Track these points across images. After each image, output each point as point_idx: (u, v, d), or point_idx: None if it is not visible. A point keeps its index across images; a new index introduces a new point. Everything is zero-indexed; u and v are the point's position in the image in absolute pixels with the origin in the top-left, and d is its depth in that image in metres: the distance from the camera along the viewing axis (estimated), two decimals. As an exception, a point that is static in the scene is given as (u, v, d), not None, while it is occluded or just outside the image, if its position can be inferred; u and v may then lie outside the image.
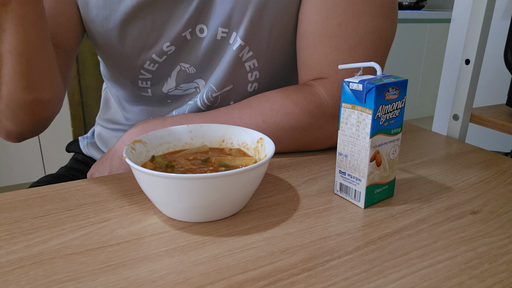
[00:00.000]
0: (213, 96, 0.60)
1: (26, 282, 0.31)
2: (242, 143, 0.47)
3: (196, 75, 0.59)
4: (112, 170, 0.52)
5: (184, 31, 0.55)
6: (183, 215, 0.39)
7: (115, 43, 0.55)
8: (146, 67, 0.57)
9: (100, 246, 0.35)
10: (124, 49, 0.56)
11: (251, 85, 0.60)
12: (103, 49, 0.57)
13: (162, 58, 0.57)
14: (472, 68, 0.68)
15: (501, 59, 1.18)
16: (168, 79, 0.59)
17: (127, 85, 0.62)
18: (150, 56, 0.56)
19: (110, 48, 0.56)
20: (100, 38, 0.56)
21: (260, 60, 0.58)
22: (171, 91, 0.61)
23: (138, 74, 0.58)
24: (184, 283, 0.31)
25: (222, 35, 0.55)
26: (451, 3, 2.99)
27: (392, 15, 0.55)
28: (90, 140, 0.77)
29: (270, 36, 0.56)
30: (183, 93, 0.61)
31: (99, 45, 0.57)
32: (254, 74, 0.59)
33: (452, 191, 0.46)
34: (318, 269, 0.32)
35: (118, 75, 0.61)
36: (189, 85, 0.60)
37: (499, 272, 0.33)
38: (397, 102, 0.41)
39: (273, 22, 0.55)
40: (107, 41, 0.55)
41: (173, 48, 0.56)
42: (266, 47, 0.57)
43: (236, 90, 0.60)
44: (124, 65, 0.58)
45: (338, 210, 0.42)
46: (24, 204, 0.42)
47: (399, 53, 2.65)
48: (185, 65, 0.58)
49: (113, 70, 0.60)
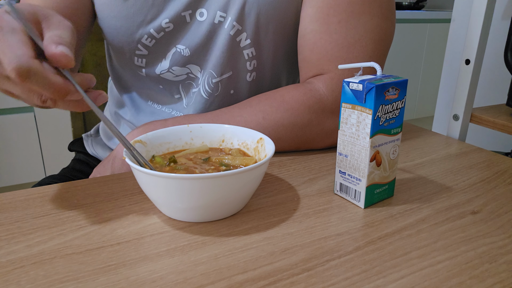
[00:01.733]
0: (213, 82, 0.61)
1: (26, 282, 0.31)
2: (242, 143, 0.47)
3: (190, 59, 0.60)
4: (114, 171, 0.53)
5: (184, 11, 0.56)
6: (183, 215, 0.39)
7: (116, 15, 0.57)
8: (143, 41, 0.58)
9: (100, 246, 0.35)
10: (124, 21, 0.57)
11: (250, 74, 0.61)
12: (105, 20, 0.59)
13: (159, 34, 0.58)
14: (472, 68, 0.68)
15: (501, 59, 1.17)
16: (163, 60, 0.60)
17: (125, 62, 0.63)
18: (148, 30, 0.57)
19: (111, 19, 0.58)
20: (104, 9, 0.57)
21: (258, 49, 0.59)
22: (163, 73, 0.61)
23: (135, 49, 0.59)
24: (184, 283, 0.31)
25: (220, 19, 0.56)
26: (451, 3, 2.98)
27: (390, 16, 0.56)
28: (94, 138, 0.77)
29: (267, 26, 0.57)
30: (174, 78, 0.62)
31: (102, 16, 0.58)
32: (253, 63, 0.60)
33: (452, 191, 0.46)
34: (318, 269, 0.32)
35: (117, 49, 0.62)
36: (181, 69, 0.61)
37: (500, 272, 0.33)
38: (397, 102, 0.41)
39: (269, 11, 0.56)
40: (109, 13, 0.57)
41: (171, 26, 0.57)
42: (264, 36, 0.58)
43: (236, 78, 0.61)
44: (123, 38, 0.59)
45: (338, 210, 0.42)
46: (24, 204, 0.42)
47: (399, 53, 2.65)
48: (181, 47, 0.59)
49: (113, 42, 0.61)
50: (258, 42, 0.58)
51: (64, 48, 0.34)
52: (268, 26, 0.57)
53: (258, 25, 0.57)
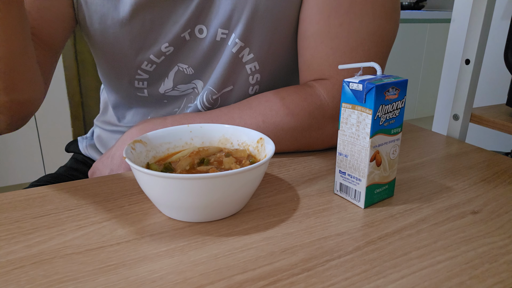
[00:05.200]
0: (213, 98, 0.59)
1: (26, 282, 0.31)
2: (242, 143, 0.47)
3: (194, 76, 0.59)
4: (113, 169, 0.52)
5: (183, 32, 0.55)
6: (183, 215, 0.39)
7: (112, 42, 0.55)
8: (143, 67, 0.57)
9: (100, 246, 0.35)
10: (121, 49, 0.55)
11: (252, 88, 0.60)
12: (100, 47, 0.57)
13: (160, 59, 0.56)
14: (472, 68, 0.68)
15: (501, 59, 1.18)
16: (165, 80, 0.59)
17: (123, 85, 0.61)
18: (148, 56, 0.56)
19: (107, 46, 0.56)
20: (97, 35, 0.55)
21: (261, 62, 0.58)
22: (168, 92, 0.60)
23: (135, 75, 0.58)
24: (184, 283, 0.31)
25: (222, 36, 0.55)
26: (451, 3, 2.98)
27: (394, 16, 0.54)
28: (89, 141, 0.77)
29: (271, 38, 0.56)
30: (180, 94, 0.61)
31: (96, 43, 0.56)
32: (256, 76, 0.59)
33: (452, 191, 0.46)
34: (318, 269, 0.32)
35: (114, 75, 0.60)
36: (187, 86, 0.60)
37: (500, 272, 0.33)
38: (397, 102, 0.41)
39: (273, 24, 0.55)
40: (104, 39, 0.55)
41: (172, 49, 0.56)
42: (268, 49, 0.57)
43: (237, 92, 0.60)
44: (121, 65, 0.57)
45: (338, 210, 0.42)
46: (24, 204, 0.42)
47: (399, 53, 2.65)
48: (183, 66, 0.58)
49: (109, 69, 0.60)
50: (262, 56, 0.57)
51: None
52: (272, 39, 0.56)
53: (262, 40, 0.55)
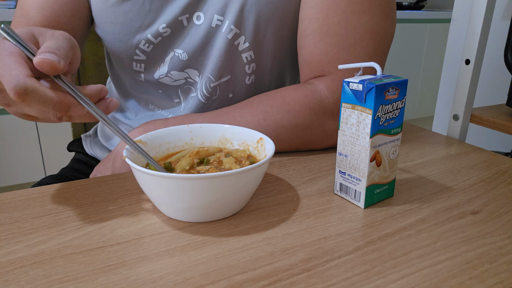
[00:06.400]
0: (212, 87, 0.60)
1: (26, 282, 0.31)
2: (242, 143, 0.47)
3: (188, 63, 0.60)
4: (115, 170, 0.53)
5: (181, 15, 0.56)
6: (183, 215, 0.39)
7: (113, 20, 0.57)
8: (141, 47, 0.58)
9: (100, 246, 0.35)
10: (121, 27, 0.57)
11: (249, 77, 0.61)
12: (103, 26, 0.59)
13: (157, 40, 0.58)
14: (472, 68, 0.68)
15: (501, 59, 1.17)
16: (161, 65, 0.60)
17: (123, 67, 0.63)
18: (146, 36, 0.57)
19: (109, 25, 0.58)
20: (101, 15, 0.57)
21: (256, 51, 0.59)
22: (162, 78, 0.61)
23: (133, 55, 0.60)
24: (184, 283, 0.31)
25: (217, 22, 0.56)
26: (451, 3, 2.98)
27: (391, 15, 0.56)
28: (93, 139, 0.77)
29: (265, 27, 0.57)
30: (172, 83, 0.62)
31: (99, 22, 0.59)
32: (252, 66, 0.60)
33: (452, 191, 0.46)
34: (318, 269, 0.32)
35: (116, 57, 0.62)
36: (179, 74, 0.61)
37: (500, 272, 0.33)
38: (397, 102, 0.41)
39: (268, 14, 0.56)
40: (106, 18, 0.57)
41: (169, 31, 0.57)
42: (263, 38, 0.58)
43: (234, 81, 0.61)
44: (121, 43, 0.59)
45: (338, 210, 0.42)
46: (24, 204, 0.42)
47: (399, 53, 2.65)
48: (178, 51, 0.59)
49: (111, 48, 0.61)
50: (257, 45, 0.58)
51: (45, 54, 0.34)
52: (267, 29, 0.57)
53: (256, 28, 0.56)
